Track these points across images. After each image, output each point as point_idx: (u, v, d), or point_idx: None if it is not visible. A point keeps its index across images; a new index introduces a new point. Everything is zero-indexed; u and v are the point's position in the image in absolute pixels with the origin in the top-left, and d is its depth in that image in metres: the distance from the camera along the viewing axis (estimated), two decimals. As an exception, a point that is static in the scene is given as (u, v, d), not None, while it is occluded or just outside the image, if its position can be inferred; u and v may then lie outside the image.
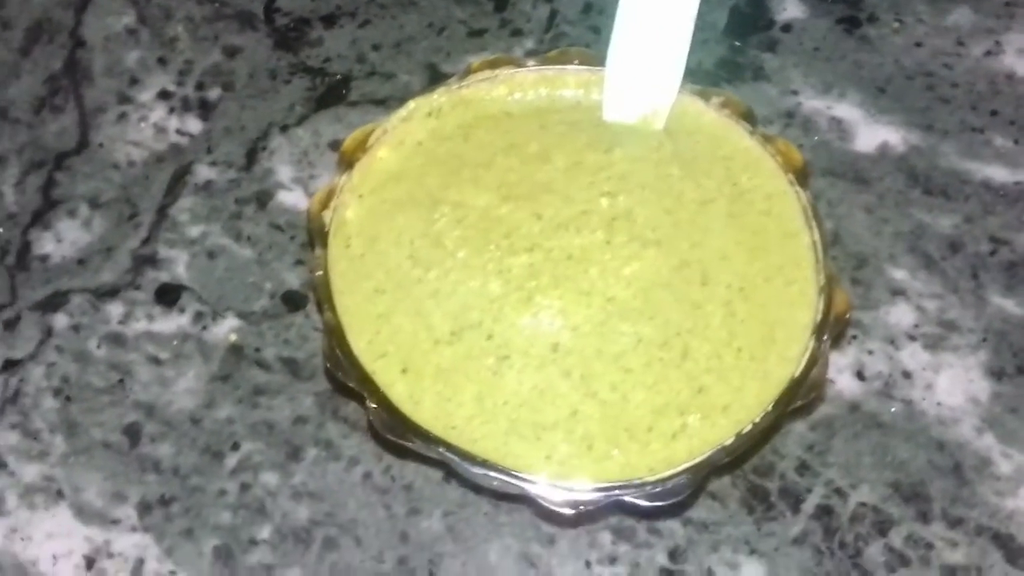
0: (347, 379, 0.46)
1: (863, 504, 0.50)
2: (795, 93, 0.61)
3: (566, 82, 0.53)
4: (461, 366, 0.46)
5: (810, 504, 0.50)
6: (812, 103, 0.61)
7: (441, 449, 0.44)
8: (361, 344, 0.47)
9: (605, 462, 0.45)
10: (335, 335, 0.46)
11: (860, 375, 0.53)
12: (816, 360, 0.46)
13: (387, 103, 0.61)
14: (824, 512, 0.50)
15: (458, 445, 0.44)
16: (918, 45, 0.63)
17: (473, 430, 0.45)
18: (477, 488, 0.48)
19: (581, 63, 0.53)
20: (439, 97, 0.53)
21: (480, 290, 0.47)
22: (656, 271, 0.47)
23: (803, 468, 0.51)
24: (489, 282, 0.47)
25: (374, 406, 0.45)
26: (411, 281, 0.48)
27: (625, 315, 0.47)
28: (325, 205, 0.49)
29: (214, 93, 0.62)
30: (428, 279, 0.48)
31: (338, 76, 0.62)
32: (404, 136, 0.52)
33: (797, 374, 0.46)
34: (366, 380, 0.45)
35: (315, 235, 0.49)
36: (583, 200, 0.49)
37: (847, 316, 0.47)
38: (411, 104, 0.52)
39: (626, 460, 0.45)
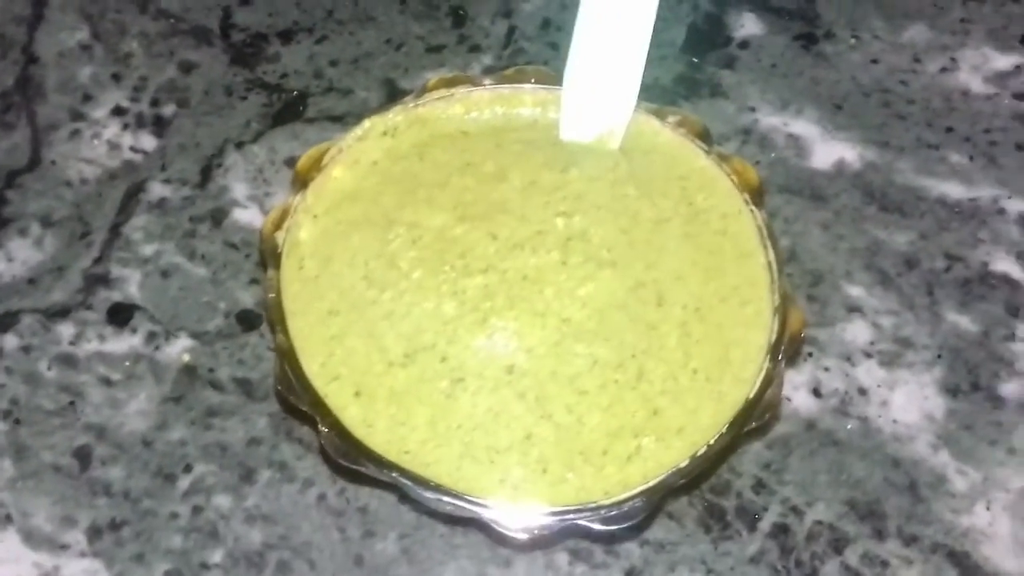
0: (299, 402, 0.45)
1: (819, 522, 0.50)
2: (752, 110, 0.61)
3: (523, 101, 0.53)
4: (414, 389, 0.46)
5: (766, 523, 0.50)
6: (769, 120, 0.61)
7: (394, 474, 0.44)
8: (314, 367, 0.46)
9: (560, 485, 0.44)
10: (287, 358, 0.45)
11: (816, 392, 0.53)
12: (771, 381, 0.46)
13: (344, 120, 0.60)
14: (780, 531, 0.50)
15: (411, 469, 0.44)
16: (874, 62, 0.63)
17: (427, 454, 0.45)
18: (431, 511, 0.48)
19: (537, 82, 0.53)
20: (395, 116, 0.52)
21: (434, 312, 0.47)
22: (611, 292, 0.47)
23: (759, 487, 0.51)
24: (443, 303, 0.47)
25: (326, 430, 0.44)
26: (365, 302, 0.47)
27: (580, 336, 0.46)
28: (278, 225, 0.49)
29: (169, 109, 0.61)
30: (382, 300, 0.47)
31: (295, 92, 0.62)
32: (359, 155, 0.51)
33: (752, 395, 0.46)
34: (318, 404, 0.45)
35: (268, 256, 0.48)
36: (538, 220, 0.48)
37: (802, 335, 0.47)
38: (366, 123, 0.52)
39: (581, 483, 0.44)
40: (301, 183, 0.50)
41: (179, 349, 0.54)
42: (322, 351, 0.47)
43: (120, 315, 0.55)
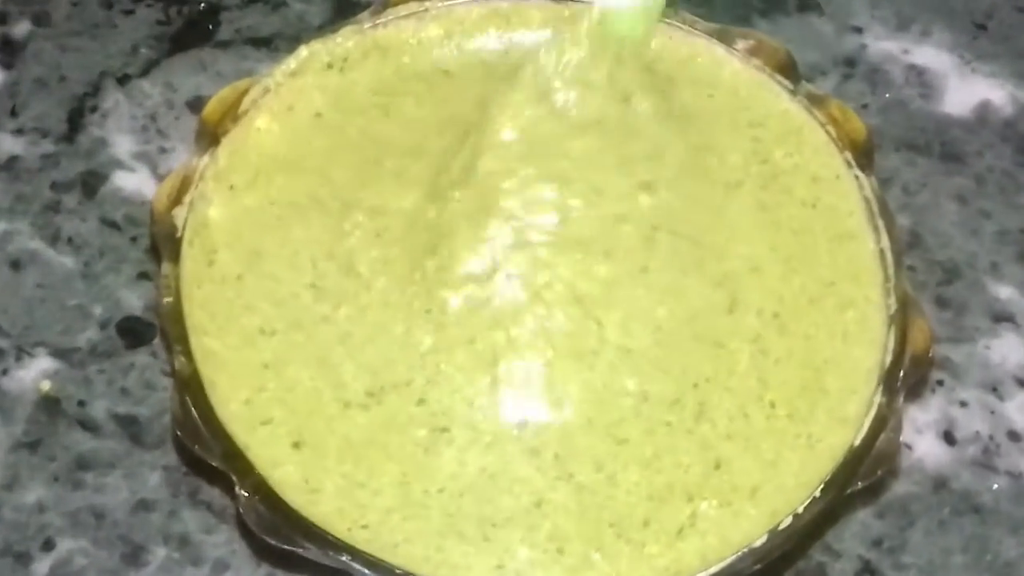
0: (208, 454, 0.45)
1: (953, 625, 0.50)
2: (858, 31, 0.61)
3: (527, 19, 0.53)
4: (380, 439, 0.46)
5: (877, 625, 0.50)
6: (882, 46, 0.61)
7: (345, 557, 0.43)
8: (233, 405, 0.46)
9: (582, 572, 0.44)
10: (190, 389, 0.45)
11: (948, 437, 0.53)
12: (885, 421, 0.46)
13: (273, 44, 0.61)
14: (897, 636, 0.50)
15: (370, 551, 0.43)
16: (1033, -38, 0.63)
17: (394, 529, 0.45)
18: (398, 609, 0.48)
19: (550, -13, 0.53)
20: (344, 41, 0.52)
21: (404, 339, 0.47)
22: (691, 303, 0.48)
23: (867, 572, 0.51)
24: (415, 328, 0.47)
25: (246, 494, 0.44)
26: (313, 320, 0.48)
27: (636, 370, 0.47)
28: (178, 199, 0.48)
29: (21, 29, 0.61)
30: (336, 319, 0.48)
31: (202, 5, 0.62)
32: (294, 99, 0.51)
33: (858, 442, 0.45)
34: (236, 456, 0.45)
35: (162, 243, 0.48)
36: (612, 196, 0.48)
37: (929, 355, 0.47)
38: (303, 50, 0.52)
39: (612, 569, 0.44)
40: (210, 137, 0.50)
41: (36, 374, 0.54)
42: (248, 383, 0.47)
43: (-49, 324, 0.55)
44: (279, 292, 0.48)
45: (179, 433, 0.45)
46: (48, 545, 0.51)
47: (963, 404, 0.53)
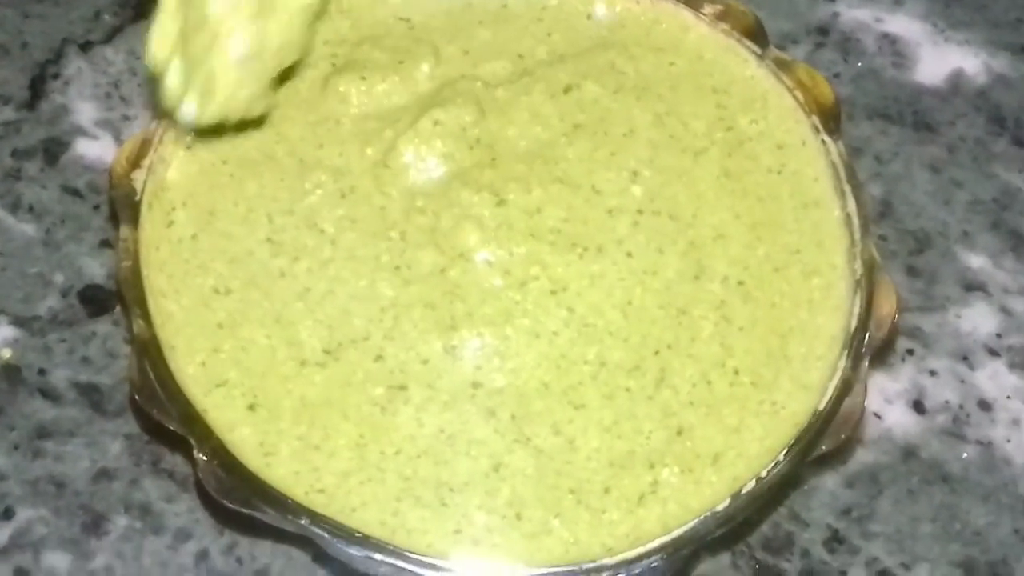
0: (166, 419, 0.45)
1: (921, 593, 0.50)
2: (831, -1, 0.61)
3: None
4: (337, 398, 0.46)
5: (845, 594, 0.50)
6: (855, 13, 0.61)
7: (304, 521, 0.44)
8: (190, 367, 0.46)
9: (541, 538, 0.44)
10: (148, 354, 0.45)
11: (918, 406, 0.53)
12: (849, 386, 0.46)
13: (238, 10, 0.60)
14: (865, 605, 0.50)
15: (328, 515, 0.44)
16: (1007, -70, 0.63)
17: (350, 493, 0.45)
18: (360, 575, 0.48)
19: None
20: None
21: (368, 292, 0.47)
22: (664, 274, 0.48)
23: (835, 541, 0.51)
24: (379, 281, 0.47)
25: (204, 458, 0.44)
26: (269, 275, 0.48)
27: (595, 338, 0.47)
28: (136, 163, 0.49)
29: (-17, -5, 0.61)
30: (295, 273, 0.48)
31: (166, -30, 0.62)
32: None
33: (821, 407, 0.46)
34: (194, 419, 0.45)
35: (121, 207, 0.48)
36: (603, 183, 0.49)
37: (895, 321, 0.47)
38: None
39: (571, 535, 0.44)
40: (170, 99, 0.50)
41: (-4, 342, 0.54)
42: (203, 345, 0.47)
43: (-90, 292, 0.55)
44: (233, 249, 0.48)
45: (137, 397, 0.46)
46: (7, 514, 0.51)
47: (933, 373, 0.54)
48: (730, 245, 0.49)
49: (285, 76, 0.51)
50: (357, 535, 0.44)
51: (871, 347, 0.47)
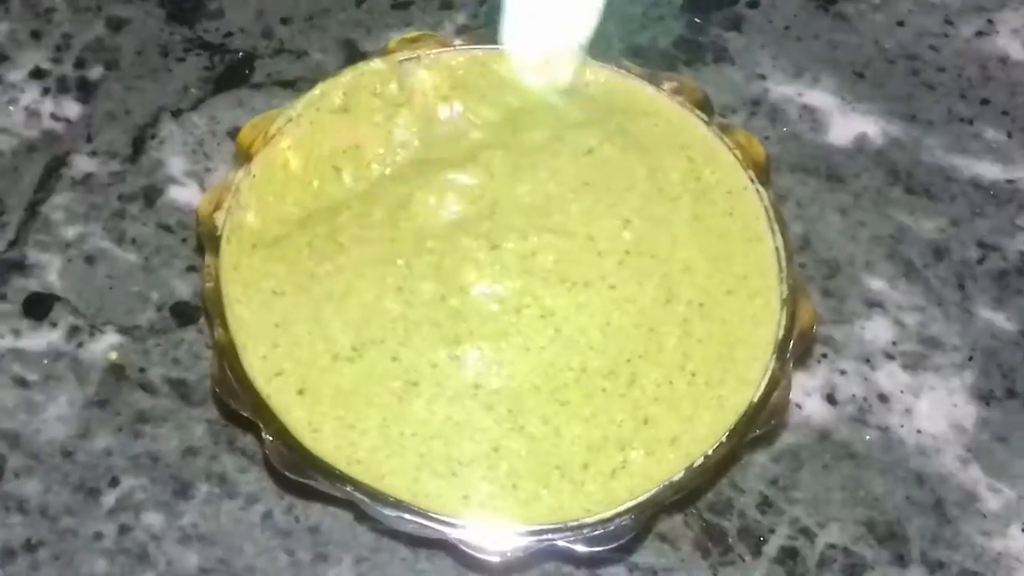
0: (240, 407, 0.45)
1: (832, 546, 0.50)
2: (762, 78, 0.61)
3: (500, 63, 0.53)
4: (363, 388, 0.46)
5: (773, 546, 0.50)
6: (781, 89, 0.61)
7: (348, 488, 0.44)
8: (255, 360, 0.46)
9: (532, 504, 0.44)
10: (226, 356, 0.46)
11: (831, 399, 0.53)
12: (777, 382, 0.46)
13: (297, 85, 0.60)
14: (788, 555, 0.50)
15: (364, 482, 0.44)
16: (901, 24, 0.63)
17: (379, 464, 0.45)
18: (392, 531, 0.48)
19: (516, 42, 0.53)
20: (352, 80, 0.52)
21: (374, 305, 0.47)
22: (642, 303, 0.48)
23: (765, 505, 0.51)
24: (386, 299, 0.47)
25: (270, 439, 0.44)
26: (308, 278, 0.48)
27: (578, 351, 0.47)
28: (218, 205, 0.49)
29: (95, 72, 0.61)
30: (321, 275, 0.48)
31: (240, 54, 0.62)
32: (310, 131, 0.52)
33: (756, 399, 0.46)
34: (260, 407, 0.45)
35: (205, 240, 0.48)
36: (598, 231, 0.48)
37: (812, 331, 0.48)
38: (317, 89, 0.52)
39: (557, 502, 0.44)
40: (244, 156, 0.50)
41: (105, 346, 0.54)
42: (265, 341, 0.47)
43: (38, 307, 0.55)
44: (287, 251, 0.48)
45: (217, 390, 0.46)
46: (114, 482, 0.51)
47: (843, 372, 0.54)
48: (695, 275, 0.49)
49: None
50: (391, 499, 0.44)
51: (794, 352, 0.47)
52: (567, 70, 0.52)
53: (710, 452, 0.45)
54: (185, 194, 0.58)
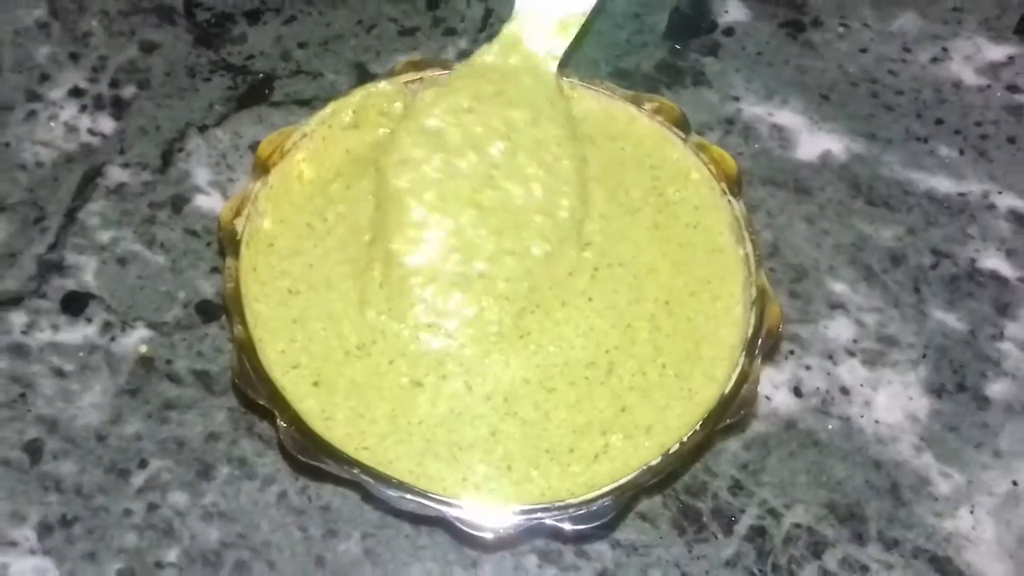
0: (257, 396, 0.45)
1: (797, 525, 0.50)
2: (736, 99, 0.61)
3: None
4: (374, 381, 0.46)
5: (743, 525, 0.50)
6: (753, 110, 0.61)
7: (355, 470, 0.44)
8: (273, 354, 0.47)
9: (525, 484, 0.45)
10: (245, 350, 0.46)
11: (797, 391, 0.53)
12: (747, 377, 0.46)
13: (312, 104, 0.60)
14: (757, 533, 0.50)
15: (372, 466, 0.44)
16: (863, 51, 0.63)
17: (387, 450, 0.45)
18: (396, 510, 0.48)
19: (511, 65, 0.53)
20: (361, 100, 0.52)
21: (356, 315, 0.48)
22: (618, 306, 0.48)
23: (736, 488, 0.51)
24: (368, 308, 0.48)
25: (285, 425, 0.44)
26: (321, 276, 0.48)
27: (562, 349, 0.47)
28: (238, 212, 0.49)
29: (129, 91, 0.61)
30: (333, 278, 0.48)
31: (260, 75, 0.62)
32: (324, 142, 0.52)
33: (727, 391, 0.46)
34: (276, 396, 0.45)
35: (227, 244, 0.48)
36: (565, 262, 0.49)
37: (779, 330, 0.48)
38: (329, 107, 0.52)
39: (546, 483, 0.45)
40: (262, 168, 0.50)
41: (136, 340, 0.54)
42: (283, 337, 0.47)
43: (75, 304, 0.55)
44: (302, 245, 0.49)
45: (236, 381, 0.46)
46: (143, 464, 0.51)
47: (808, 367, 0.54)
48: (659, 276, 0.49)
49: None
50: (394, 481, 0.44)
51: (763, 348, 0.47)
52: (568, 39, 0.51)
53: (685, 439, 0.45)
54: (209, 202, 0.58)
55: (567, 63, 0.53)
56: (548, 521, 0.44)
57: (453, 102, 0.49)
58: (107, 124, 0.60)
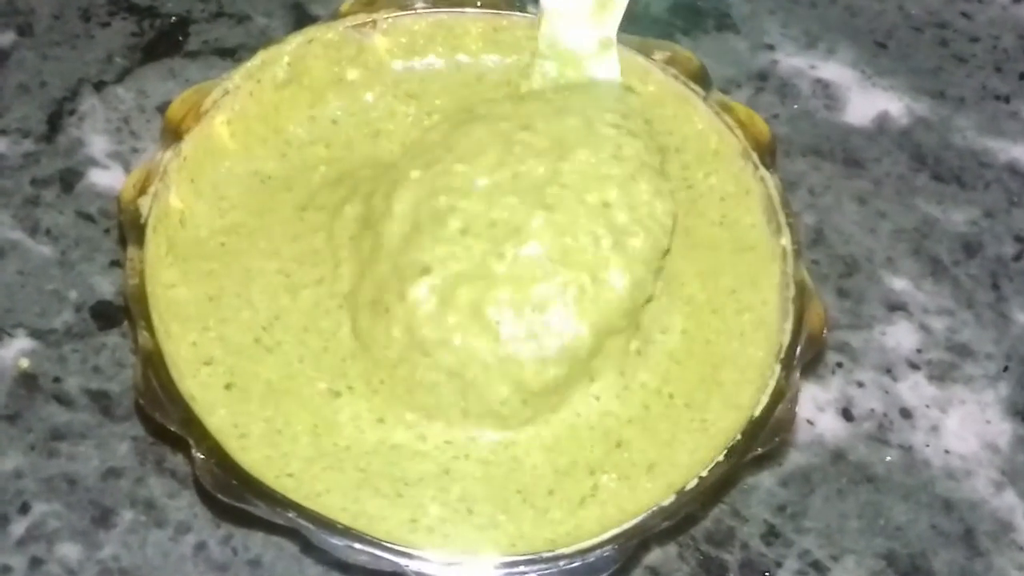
0: (166, 420, 0.45)
1: (848, 582, 0.50)
2: (770, 48, 0.62)
3: (466, 31, 0.53)
4: (287, 385, 0.47)
5: (780, 582, 0.50)
6: (792, 61, 0.61)
7: (288, 513, 0.44)
8: (184, 348, 0.47)
9: (490, 531, 0.45)
10: (151, 362, 0.45)
11: (847, 414, 0.53)
12: (783, 392, 0.46)
13: (237, 54, 0.61)
14: (797, 592, 0.50)
15: (297, 500, 0.43)
16: (929, -12, 0.64)
17: (315, 478, 0.45)
18: (342, 564, 0.48)
19: (487, 5, 0.53)
20: (297, 48, 0.52)
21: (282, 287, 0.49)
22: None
23: (772, 535, 0.51)
24: (302, 291, 0.48)
25: (202, 457, 0.44)
26: (243, 252, 0.49)
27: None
28: (143, 190, 0.49)
29: (6, 39, 0.61)
30: (254, 251, 0.49)
31: (173, 18, 0.62)
32: (251, 103, 0.52)
33: (758, 413, 0.46)
34: (191, 421, 0.45)
35: (128, 229, 0.48)
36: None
37: (823, 335, 0.48)
38: (258, 57, 0.52)
39: (517, 530, 0.45)
40: (174, 134, 0.50)
41: (15, 352, 0.54)
42: (195, 325, 0.48)
43: (-62, 307, 0.55)
44: (218, 209, 0.50)
45: (141, 402, 0.46)
46: (24, 508, 0.51)
47: (860, 384, 0.54)
48: (686, 289, 0.50)
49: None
50: (338, 527, 0.44)
51: (802, 360, 0.47)
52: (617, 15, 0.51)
53: (705, 473, 0.45)
54: (108, 178, 0.58)
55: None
56: (534, 576, 0.44)
57: None
58: (-22, 81, 0.60)
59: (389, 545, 0.44)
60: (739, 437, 0.45)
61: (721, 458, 0.45)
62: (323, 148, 0.52)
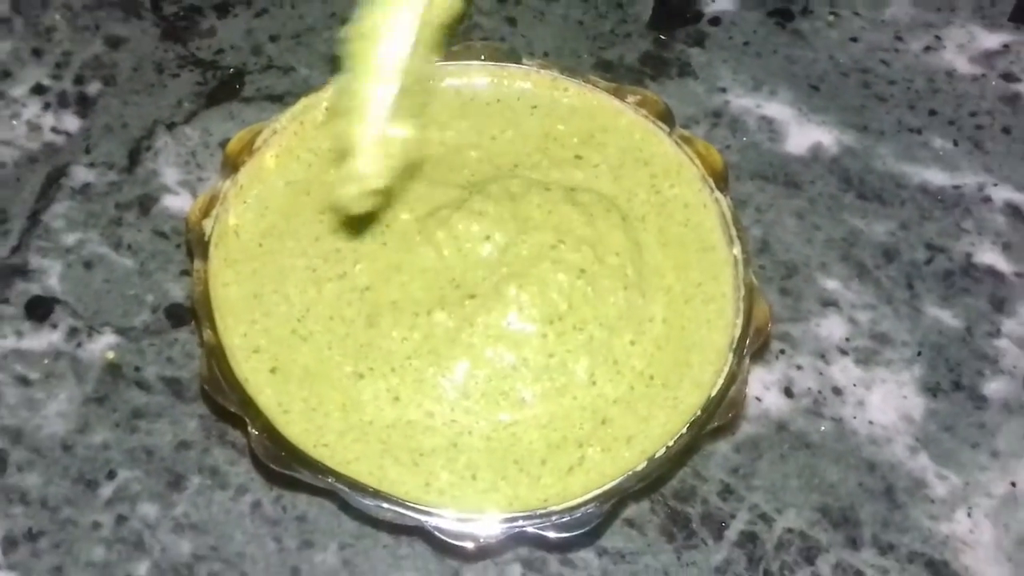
0: (227, 403, 0.45)
1: (789, 530, 0.50)
2: (723, 91, 0.61)
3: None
4: (320, 368, 0.46)
5: (733, 531, 0.50)
6: (741, 101, 0.61)
7: (330, 479, 0.44)
8: (237, 340, 0.47)
9: (491, 494, 0.45)
10: (214, 355, 0.46)
11: (788, 392, 0.53)
12: (735, 376, 0.46)
13: (285, 99, 0.60)
14: (748, 539, 0.50)
15: (331, 466, 0.44)
16: (854, 40, 0.63)
17: (346, 448, 0.45)
18: (373, 519, 0.48)
19: (488, 59, 0.53)
20: (333, 94, 0.52)
21: (320, 283, 0.49)
22: (627, 320, 0.48)
23: (726, 492, 0.51)
24: (325, 285, 0.48)
25: (256, 433, 0.44)
26: (286, 256, 0.49)
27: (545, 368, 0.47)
28: (206, 213, 0.49)
29: (94, 88, 0.61)
30: (295, 252, 0.49)
31: (231, 70, 0.62)
32: (295, 140, 0.52)
33: (714, 392, 0.46)
34: (247, 404, 0.45)
35: (195, 245, 0.48)
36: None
37: (768, 329, 0.48)
38: (301, 103, 0.52)
39: (514, 493, 0.45)
40: (232, 167, 0.50)
41: (103, 346, 0.54)
42: (244, 319, 0.47)
43: (39, 309, 0.54)
44: (270, 214, 0.50)
45: (207, 388, 0.46)
46: (111, 475, 0.51)
47: (799, 367, 0.54)
48: (665, 280, 0.49)
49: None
50: (369, 490, 0.44)
51: (751, 348, 0.47)
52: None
53: (671, 443, 0.45)
54: (178, 202, 0.57)
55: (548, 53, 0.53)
56: (531, 529, 0.44)
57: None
58: (72, 122, 0.60)
59: (412, 504, 0.44)
60: (699, 412, 0.45)
61: (685, 430, 0.45)
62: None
